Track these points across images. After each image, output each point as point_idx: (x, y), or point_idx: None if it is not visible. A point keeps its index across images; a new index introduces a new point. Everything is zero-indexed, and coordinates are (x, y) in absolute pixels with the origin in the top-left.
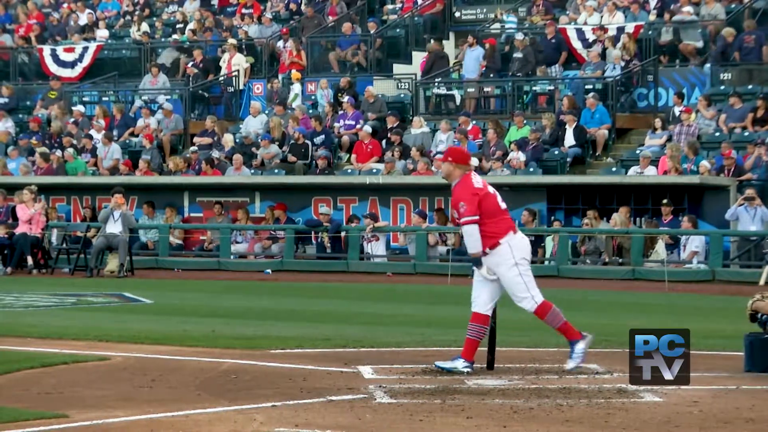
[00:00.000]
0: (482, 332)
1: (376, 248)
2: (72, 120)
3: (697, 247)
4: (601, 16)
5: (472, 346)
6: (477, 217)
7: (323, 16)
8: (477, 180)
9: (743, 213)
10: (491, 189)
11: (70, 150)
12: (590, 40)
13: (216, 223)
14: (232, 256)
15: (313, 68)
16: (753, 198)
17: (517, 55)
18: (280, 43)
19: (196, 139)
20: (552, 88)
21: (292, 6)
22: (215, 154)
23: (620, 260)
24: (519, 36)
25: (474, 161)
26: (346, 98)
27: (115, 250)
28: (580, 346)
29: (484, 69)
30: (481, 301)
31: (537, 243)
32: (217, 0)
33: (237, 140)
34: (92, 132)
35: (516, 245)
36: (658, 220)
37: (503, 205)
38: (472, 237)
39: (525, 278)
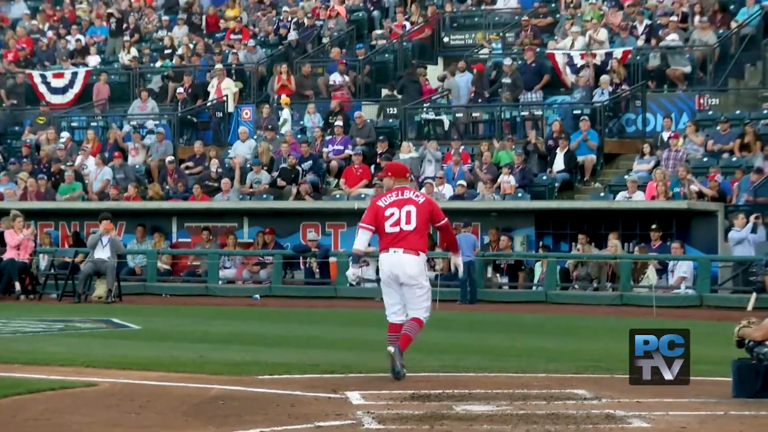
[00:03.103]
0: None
1: (366, 273)
2: (61, 145)
3: (685, 272)
4: (588, 37)
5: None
6: (368, 226)
7: (313, 41)
8: (389, 196)
9: (748, 237)
10: (391, 209)
11: (70, 173)
12: (578, 66)
13: (204, 248)
14: (220, 282)
15: (301, 94)
16: (758, 217)
17: (506, 80)
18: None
19: (183, 165)
20: (540, 113)
21: (282, 31)
22: (214, 168)
23: (614, 286)
24: (507, 61)
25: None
26: (337, 122)
27: (103, 276)
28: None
29: (473, 94)
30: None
31: (517, 267)
32: (205, 25)
33: (225, 165)
34: (80, 157)
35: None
36: (647, 246)
37: (391, 229)
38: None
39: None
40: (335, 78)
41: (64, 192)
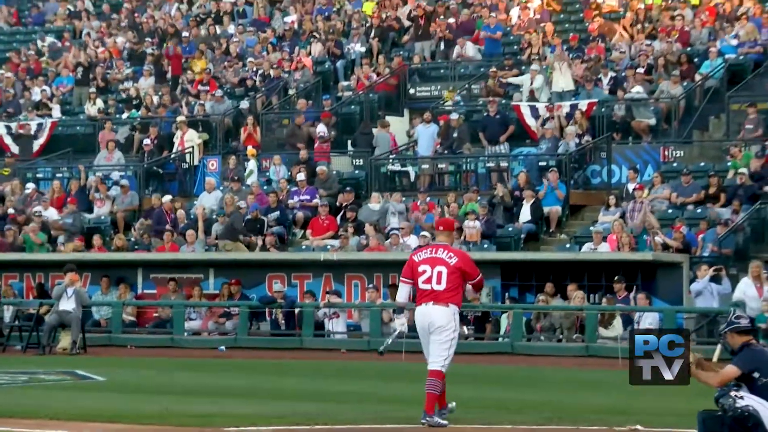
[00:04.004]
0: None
1: (337, 325)
2: (25, 197)
3: (651, 323)
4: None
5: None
6: (407, 280)
7: (279, 92)
8: (424, 252)
9: (708, 288)
10: (424, 266)
11: (40, 233)
12: (543, 117)
13: (170, 299)
14: (185, 333)
15: (267, 145)
16: (720, 269)
17: (454, 134)
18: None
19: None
20: (505, 164)
21: (249, 82)
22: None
23: (582, 337)
24: (454, 116)
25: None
26: (300, 174)
27: (67, 327)
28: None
29: (438, 146)
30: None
31: (484, 318)
32: (170, 76)
33: (191, 216)
34: (39, 207)
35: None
36: (612, 297)
37: (423, 286)
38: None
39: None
40: (322, 130)
41: (29, 246)
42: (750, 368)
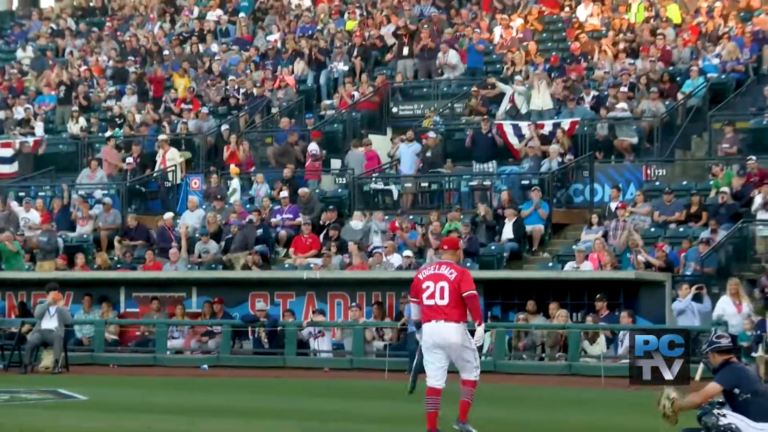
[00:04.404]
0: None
1: (322, 344)
2: (6, 214)
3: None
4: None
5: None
6: (415, 299)
7: (262, 111)
8: (428, 269)
9: (690, 307)
10: (427, 283)
11: (16, 244)
12: (526, 136)
13: (152, 318)
14: (168, 352)
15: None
16: (701, 288)
17: (428, 154)
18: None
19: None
20: (488, 183)
21: (232, 101)
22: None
23: (565, 356)
24: (432, 135)
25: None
26: (283, 192)
27: (50, 346)
28: None
29: (421, 165)
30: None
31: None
32: (152, 94)
33: (174, 235)
34: (21, 226)
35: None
36: (595, 315)
37: (427, 302)
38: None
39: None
40: (313, 148)
41: (6, 257)
42: (731, 385)
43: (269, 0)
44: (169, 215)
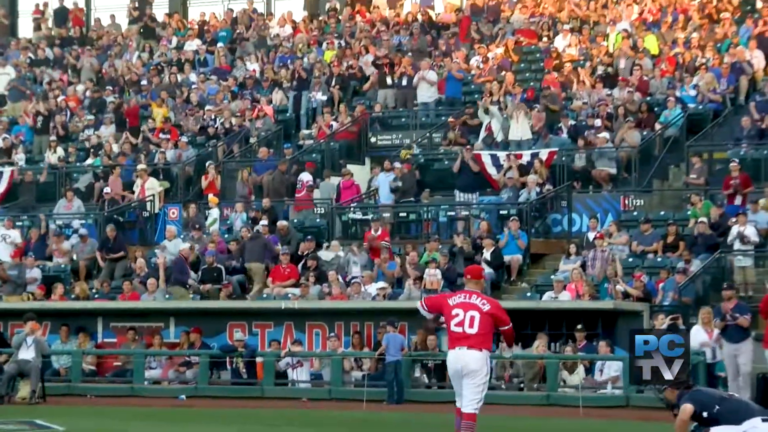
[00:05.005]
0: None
1: (300, 374)
2: None
3: (617, 371)
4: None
5: None
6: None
7: (240, 141)
8: (458, 296)
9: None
10: (457, 311)
11: None
12: (504, 166)
13: (130, 348)
14: (146, 382)
15: (228, 193)
16: (677, 317)
17: (397, 183)
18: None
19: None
20: (467, 213)
21: (210, 130)
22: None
23: (543, 386)
24: (397, 164)
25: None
26: (261, 222)
27: (27, 377)
28: None
29: (394, 195)
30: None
31: (444, 367)
32: (127, 123)
33: (152, 265)
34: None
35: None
36: (573, 345)
37: (455, 329)
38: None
39: None
40: (308, 178)
41: None
42: (699, 407)
43: (248, 30)
44: (185, 246)
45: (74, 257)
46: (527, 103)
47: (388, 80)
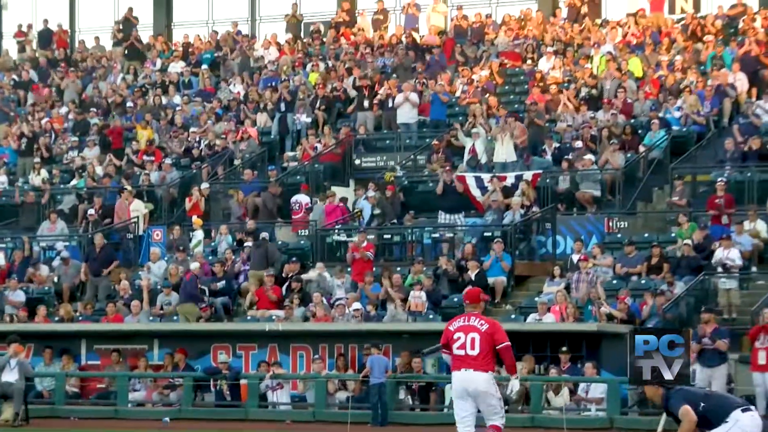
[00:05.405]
0: None
1: (281, 397)
2: None
3: (602, 393)
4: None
5: None
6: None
7: (225, 162)
8: (458, 321)
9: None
10: (458, 334)
11: None
12: (489, 188)
13: (114, 370)
14: (129, 405)
15: (214, 215)
16: None
17: (376, 211)
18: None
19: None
20: (451, 235)
21: (195, 152)
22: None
23: (527, 408)
24: (370, 192)
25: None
26: (246, 244)
27: (10, 399)
28: None
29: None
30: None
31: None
32: (111, 144)
33: (135, 287)
34: None
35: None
36: (557, 368)
37: (458, 351)
38: None
39: None
40: (305, 200)
41: None
42: (693, 400)
43: (232, 52)
44: (195, 265)
45: (56, 280)
46: (513, 116)
47: (365, 103)
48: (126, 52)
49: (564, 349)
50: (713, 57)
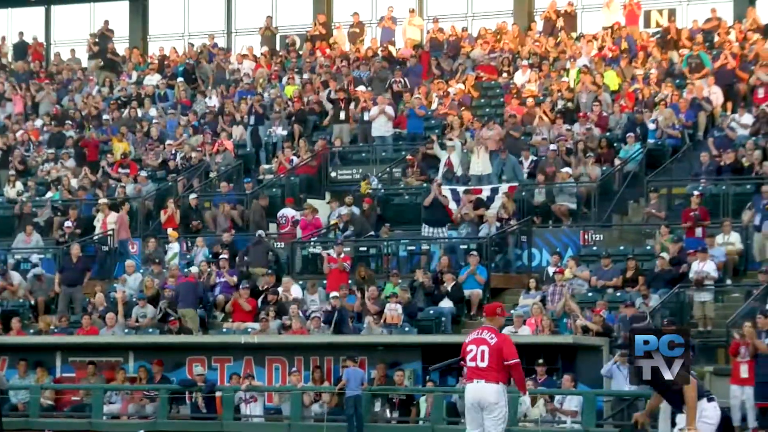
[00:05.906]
0: None
1: (254, 409)
2: None
3: (576, 405)
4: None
5: None
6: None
7: (200, 175)
8: (473, 334)
9: (617, 372)
10: (471, 347)
11: None
12: (465, 201)
13: (89, 383)
14: (105, 417)
15: (188, 227)
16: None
17: (348, 230)
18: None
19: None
20: (427, 247)
21: (171, 164)
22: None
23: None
24: (343, 210)
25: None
26: (222, 256)
27: None
28: None
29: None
30: None
31: (410, 402)
32: (86, 156)
33: (111, 299)
34: None
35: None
36: (534, 380)
37: (470, 363)
38: None
39: None
40: (293, 213)
41: None
42: None
43: (208, 65)
44: (195, 269)
45: (30, 293)
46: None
47: (342, 115)
48: (102, 64)
49: (540, 361)
50: (689, 57)
